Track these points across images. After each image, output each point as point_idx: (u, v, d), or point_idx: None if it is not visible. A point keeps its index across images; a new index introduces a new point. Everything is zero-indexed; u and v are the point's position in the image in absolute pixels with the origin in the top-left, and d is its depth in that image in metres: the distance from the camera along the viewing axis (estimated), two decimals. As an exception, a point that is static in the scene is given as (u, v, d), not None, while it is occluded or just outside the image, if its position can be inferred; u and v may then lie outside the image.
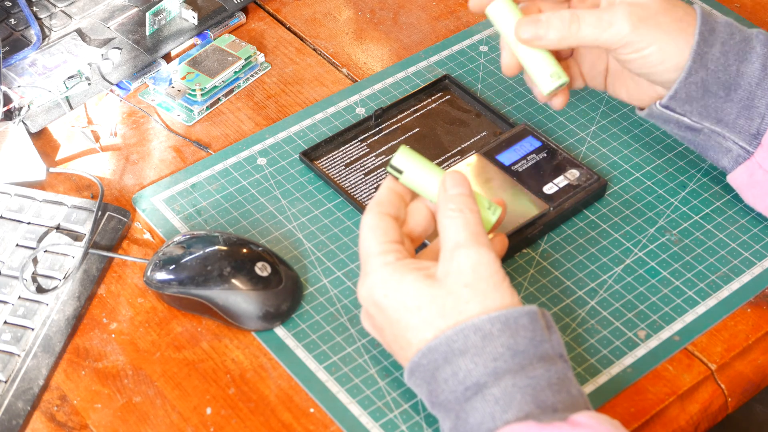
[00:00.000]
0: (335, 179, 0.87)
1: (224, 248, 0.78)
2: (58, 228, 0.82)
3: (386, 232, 0.69)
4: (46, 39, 0.96)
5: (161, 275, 0.78)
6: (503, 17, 0.77)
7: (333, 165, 0.88)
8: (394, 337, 0.68)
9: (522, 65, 0.78)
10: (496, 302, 0.66)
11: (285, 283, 0.78)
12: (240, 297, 0.76)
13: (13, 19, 0.97)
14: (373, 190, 0.86)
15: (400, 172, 0.72)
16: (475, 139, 0.91)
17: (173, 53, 0.99)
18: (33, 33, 0.96)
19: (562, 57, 0.82)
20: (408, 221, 0.72)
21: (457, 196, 0.69)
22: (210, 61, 0.95)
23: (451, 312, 0.66)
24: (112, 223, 0.83)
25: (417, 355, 0.66)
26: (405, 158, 0.71)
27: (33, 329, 0.77)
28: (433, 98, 0.94)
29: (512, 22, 0.76)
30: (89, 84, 0.93)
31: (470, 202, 0.69)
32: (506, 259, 0.80)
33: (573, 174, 0.85)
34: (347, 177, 0.87)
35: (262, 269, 0.77)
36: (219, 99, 0.95)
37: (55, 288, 0.79)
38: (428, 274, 0.67)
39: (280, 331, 0.78)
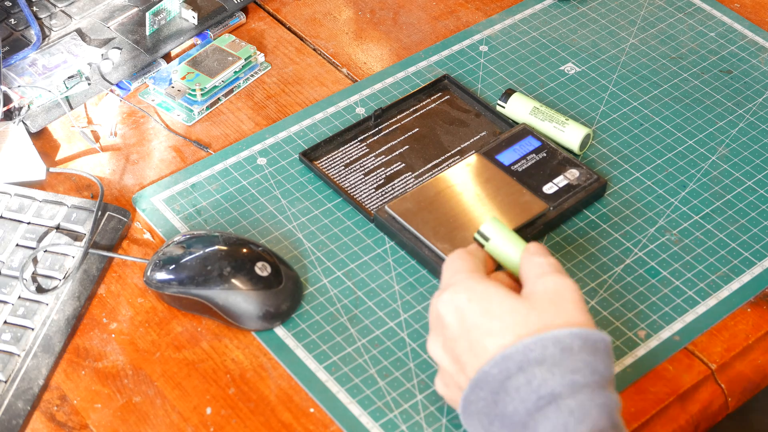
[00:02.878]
0: (335, 179, 0.87)
1: (224, 248, 0.78)
2: (58, 228, 0.82)
3: (477, 263, 0.71)
4: (46, 39, 0.96)
5: (161, 275, 0.78)
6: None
7: (333, 165, 0.88)
8: (470, 345, 0.66)
9: None
10: (580, 322, 0.66)
11: (285, 283, 0.78)
12: (240, 297, 0.76)
13: (13, 19, 0.97)
14: (373, 190, 0.86)
15: (486, 239, 0.73)
16: (475, 138, 0.91)
17: (173, 53, 0.99)
18: (33, 33, 0.96)
19: None
20: None
21: (542, 257, 0.70)
22: (210, 61, 0.95)
23: (535, 323, 0.65)
24: (112, 223, 0.83)
25: (488, 364, 0.64)
26: (493, 228, 0.73)
27: (33, 329, 0.77)
28: (432, 98, 0.94)
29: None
30: (89, 84, 0.93)
31: (555, 263, 0.70)
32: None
33: (573, 174, 0.85)
34: (347, 177, 0.87)
35: (262, 269, 0.77)
36: (219, 99, 0.95)
37: (55, 288, 0.79)
38: (515, 293, 0.68)
39: (280, 331, 0.78)
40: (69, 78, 0.92)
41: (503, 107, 0.91)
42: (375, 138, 0.91)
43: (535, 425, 0.63)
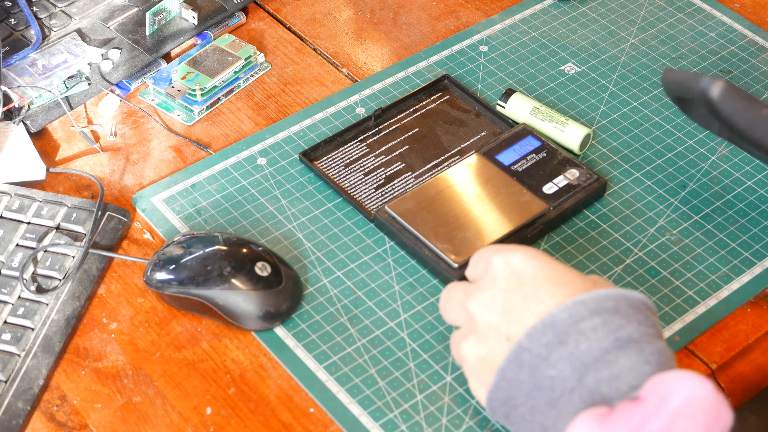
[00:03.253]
0: (335, 179, 0.87)
1: (224, 248, 0.78)
2: (58, 228, 0.82)
3: None
4: (46, 39, 0.96)
5: (161, 275, 0.78)
6: None
7: (333, 165, 0.88)
8: (534, 291, 0.66)
9: None
10: None
11: (285, 283, 0.78)
12: (240, 297, 0.76)
13: (13, 19, 0.97)
14: (373, 190, 0.86)
15: None
16: (475, 138, 0.91)
17: (173, 53, 0.99)
18: (33, 33, 0.96)
19: None
20: None
21: None
22: (210, 61, 0.95)
23: (602, 286, 0.67)
24: (112, 223, 0.83)
25: (558, 309, 0.65)
26: None
27: (33, 329, 0.77)
28: (432, 98, 0.94)
29: None
30: (89, 84, 0.93)
31: None
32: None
33: (573, 174, 0.85)
34: (347, 177, 0.87)
35: (262, 269, 0.77)
36: (219, 99, 0.95)
37: (55, 288, 0.79)
38: None
39: (280, 331, 0.78)
40: (69, 78, 0.92)
41: (503, 107, 0.91)
42: (375, 138, 0.91)
43: (615, 358, 0.63)
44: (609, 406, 0.62)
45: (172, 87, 0.94)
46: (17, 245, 0.81)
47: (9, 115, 0.89)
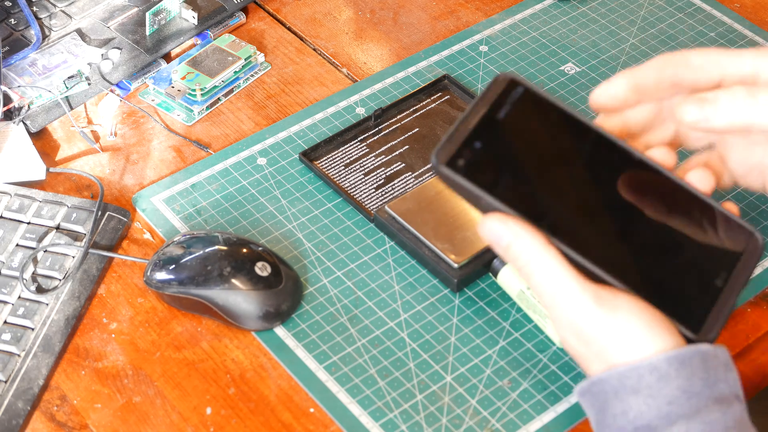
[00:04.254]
0: (335, 179, 0.87)
1: (224, 248, 0.78)
2: (58, 228, 0.83)
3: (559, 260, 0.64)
4: (46, 39, 0.96)
5: (161, 275, 0.78)
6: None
7: (333, 165, 0.88)
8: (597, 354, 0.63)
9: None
10: (671, 342, 0.62)
11: (285, 283, 0.78)
12: (240, 297, 0.76)
13: (13, 19, 0.97)
14: (373, 190, 0.86)
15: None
16: (475, 139, 0.90)
17: (173, 53, 0.99)
18: (33, 33, 0.96)
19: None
20: None
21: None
22: (210, 61, 0.95)
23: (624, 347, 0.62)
24: (112, 223, 0.83)
25: (587, 382, 0.63)
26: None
27: (33, 329, 0.77)
28: (432, 98, 0.94)
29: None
30: (89, 84, 0.93)
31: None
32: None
33: (573, 174, 0.85)
34: (347, 177, 0.87)
35: (262, 269, 0.77)
36: (219, 99, 0.95)
37: (55, 288, 0.79)
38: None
39: (280, 331, 0.78)
40: (69, 78, 0.92)
41: None
42: (375, 138, 0.91)
43: None
44: None
45: (172, 87, 0.94)
46: (17, 245, 0.81)
47: (9, 115, 0.89)
